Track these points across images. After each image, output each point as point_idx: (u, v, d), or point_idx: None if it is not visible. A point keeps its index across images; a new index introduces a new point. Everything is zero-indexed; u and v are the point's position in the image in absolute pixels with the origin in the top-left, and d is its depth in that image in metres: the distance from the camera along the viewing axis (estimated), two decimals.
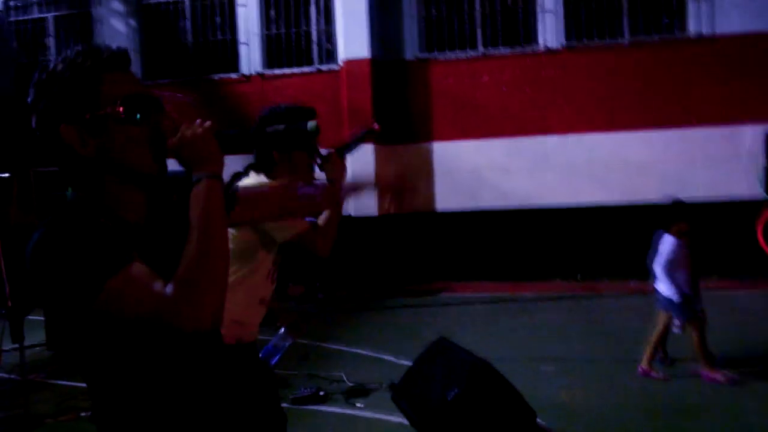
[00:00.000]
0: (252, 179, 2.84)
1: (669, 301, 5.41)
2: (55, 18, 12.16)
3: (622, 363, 5.97)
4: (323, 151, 2.90)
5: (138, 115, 1.45)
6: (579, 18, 10.40)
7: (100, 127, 1.44)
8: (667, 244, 5.45)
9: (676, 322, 5.49)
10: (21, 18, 12.30)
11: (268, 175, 2.84)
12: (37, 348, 7.24)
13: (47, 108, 1.45)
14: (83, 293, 1.34)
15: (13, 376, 5.96)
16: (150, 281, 1.35)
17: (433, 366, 4.51)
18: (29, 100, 1.48)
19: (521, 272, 10.42)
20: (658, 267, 5.47)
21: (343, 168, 2.87)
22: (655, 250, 5.55)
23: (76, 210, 1.46)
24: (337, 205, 2.87)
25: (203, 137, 1.45)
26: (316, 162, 2.90)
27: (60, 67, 1.45)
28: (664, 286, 5.43)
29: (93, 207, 1.47)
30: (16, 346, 4.47)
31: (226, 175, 1.57)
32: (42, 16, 12.19)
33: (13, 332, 3.29)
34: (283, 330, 3.14)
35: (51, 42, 12.14)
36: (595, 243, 10.25)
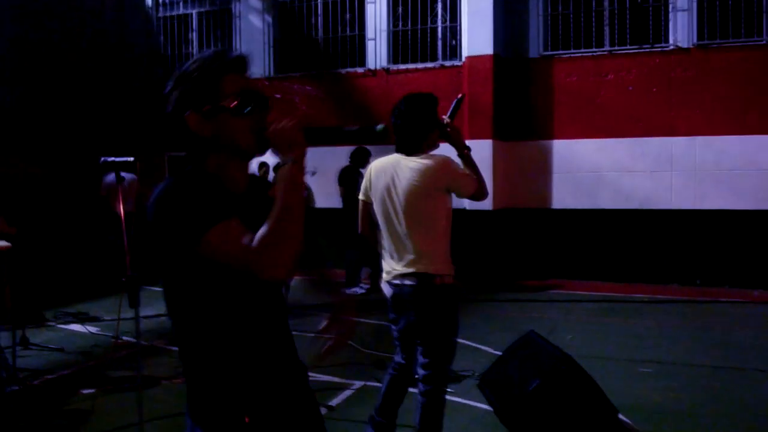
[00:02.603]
0: (411, 161, 3.63)
1: None
2: (199, 14, 13.07)
3: (726, 371, 5.87)
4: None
5: (247, 109, 1.81)
6: (713, 16, 10.03)
7: (217, 116, 1.81)
8: None
9: None
10: (168, 14, 13.30)
11: (417, 155, 3.64)
12: (162, 317, 7.93)
13: (178, 98, 1.83)
14: (190, 237, 1.67)
15: (134, 340, 6.58)
16: (242, 235, 1.67)
17: (519, 358, 4.65)
18: (166, 89, 1.86)
19: (637, 274, 10.23)
20: None
21: (459, 130, 3.77)
22: None
23: (190, 175, 1.82)
24: (467, 156, 3.76)
25: (293, 129, 1.76)
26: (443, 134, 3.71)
27: (193, 66, 1.83)
28: None
29: (205, 176, 1.83)
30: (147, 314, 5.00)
31: None
32: (186, 12, 13.13)
33: (131, 298, 3.73)
34: None
35: (194, 36, 13.05)
36: (718, 249, 9.91)
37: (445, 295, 3.64)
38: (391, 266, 3.70)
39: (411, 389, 3.99)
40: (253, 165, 8.73)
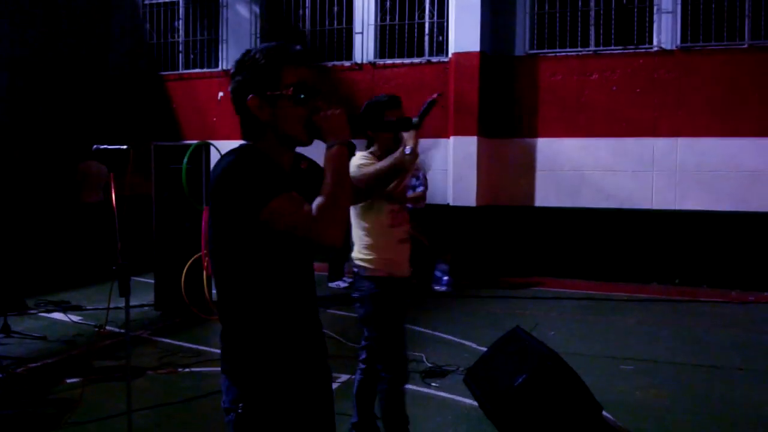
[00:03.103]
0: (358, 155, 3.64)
1: None
2: (186, 2, 12.96)
3: (706, 369, 5.97)
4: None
5: (301, 96, 2.01)
6: (697, 19, 10.15)
7: (275, 101, 2.01)
8: None
9: None
10: (154, 2, 13.18)
11: (367, 148, 3.64)
12: (146, 308, 7.92)
13: (242, 81, 2.03)
14: (256, 203, 1.88)
15: (120, 331, 6.58)
16: (302, 205, 1.91)
17: (506, 354, 4.70)
18: (232, 72, 2.07)
19: (618, 273, 10.35)
20: None
21: (416, 137, 3.76)
22: None
23: (251, 151, 2.01)
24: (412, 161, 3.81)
25: (340, 116, 2.01)
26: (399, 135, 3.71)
27: (258, 54, 2.02)
28: None
29: (262, 153, 2.02)
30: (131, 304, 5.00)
31: None
32: (173, 0, 13.04)
33: (121, 287, 3.73)
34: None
35: (180, 25, 12.95)
36: (698, 249, 10.04)
37: (375, 286, 3.77)
38: None
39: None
40: None
